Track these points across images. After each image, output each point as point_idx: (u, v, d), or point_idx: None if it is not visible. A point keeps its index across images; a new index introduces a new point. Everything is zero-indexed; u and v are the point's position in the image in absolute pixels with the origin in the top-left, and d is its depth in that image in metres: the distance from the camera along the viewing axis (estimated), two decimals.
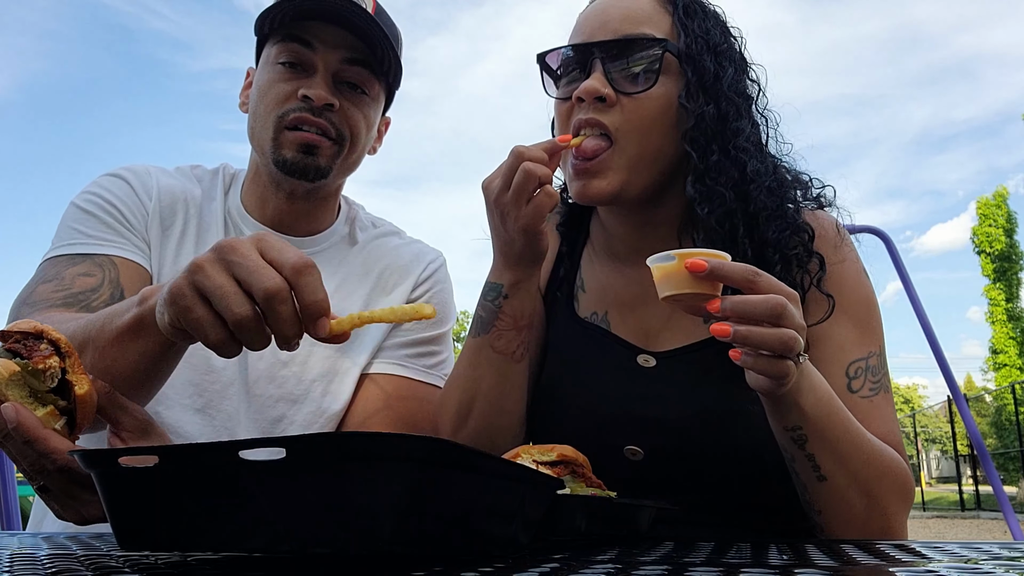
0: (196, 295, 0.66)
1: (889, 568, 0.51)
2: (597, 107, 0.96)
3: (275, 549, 0.45)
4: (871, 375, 0.99)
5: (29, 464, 0.70)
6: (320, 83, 1.08)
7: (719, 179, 0.98)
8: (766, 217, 1.00)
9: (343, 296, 1.20)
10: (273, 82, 1.10)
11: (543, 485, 0.59)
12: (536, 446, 0.78)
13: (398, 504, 0.43)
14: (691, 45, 0.99)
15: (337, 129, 1.10)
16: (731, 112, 1.00)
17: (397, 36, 1.17)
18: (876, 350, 1.01)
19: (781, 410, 0.86)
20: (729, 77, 1.01)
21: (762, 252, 1.00)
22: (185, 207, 1.17)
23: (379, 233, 1.30)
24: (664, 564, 0.52)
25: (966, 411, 3.49)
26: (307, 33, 1.08)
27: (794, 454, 0.89)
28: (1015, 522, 2.38)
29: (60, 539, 0.83)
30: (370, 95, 1.14)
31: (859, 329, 1.01)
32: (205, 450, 0.47)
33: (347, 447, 0.43)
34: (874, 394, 0.99)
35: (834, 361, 0.99)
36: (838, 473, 0.88)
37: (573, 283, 1.15)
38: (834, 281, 1.02)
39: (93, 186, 1.14)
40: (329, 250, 1.23)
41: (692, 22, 1.01)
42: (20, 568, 0.51)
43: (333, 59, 1.09)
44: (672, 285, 0.79)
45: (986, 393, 24.96)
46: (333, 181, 1.16)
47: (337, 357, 1.17)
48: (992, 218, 23.68)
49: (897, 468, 0.92)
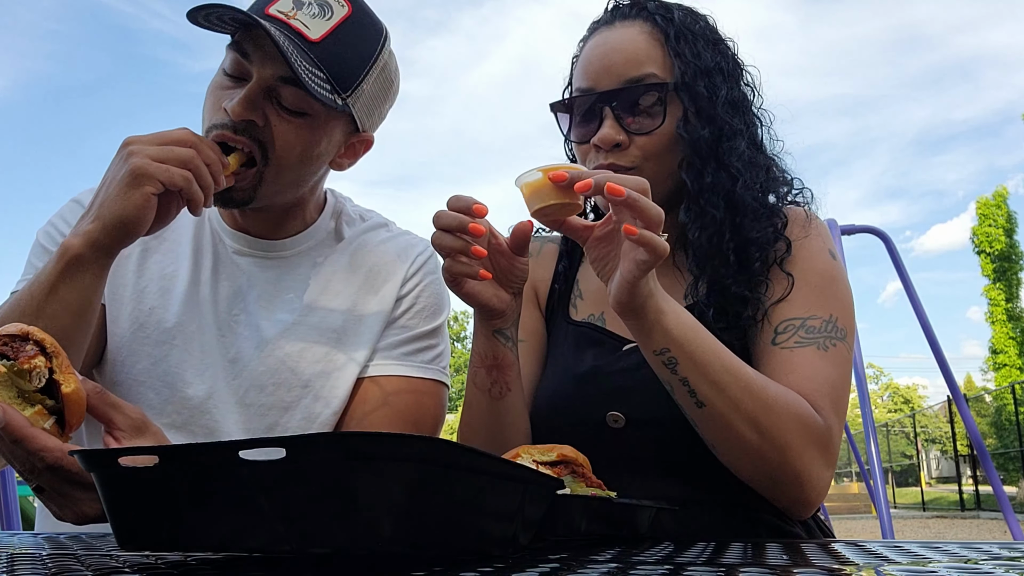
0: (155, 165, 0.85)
1: (888, 568, 0.51)
2: (616, 152, 1.05)
3: (275, 549, 0.45)
4: (804, 331, 1.00)
5: (21, 464, 0.71)
6: (243, 97, 1.00)
7: (711, 199, 1.04)
8: (751, 219, 1.04)
9: (330, 296, 1.18)
10: (214, 88, 1.06)
11: (543, 485, 0.59)
12: (536, 446, 0.78)
13: (398, 504, 0.43)
14: (685, 73, 1.05)
15: (261, 146, 1.02)
16: (726, 130, 1.06)
17: (364, 56, 1.06)
18: (823, 315, 1.01)
19: (646, 331, 0.89)
20: (723, 96, 1.06)
21: (745, 250, 1.04)
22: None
23: (367, 227, 1.27)
24: (664, 564, 0.52)
25: (966, 411, 3.49)
26: (249, 43, 1.02)
27: (670, 381, 0.91)
28: (1015, 522, 2.38)
29: (60, 539, 0.83)
30: (311, 114, 1.04)
31: (806, 295, 1.03)
32: (205, 450, 0.47)
33: (347, 447, 0.43)
34: (800, 346, 0.99)
35: (770, 313, 1.02)
36: (716, 399, 0.89)
37: (570, 293, 1.20)
38: (793, 254, 1.05)
39: (55, 216, 1.17)
40: (314, 248, 1.21)
41: (684, 48, 1.06)
42: (20, 568, 0.51)
43: (267, 74, 1.01)
44: (540, 198, 0.87)
45: (986, 393, 24.94)
46: (269, 202, 1.10)
47: (329, 359, 1.16)
48: (992, 218, 23.67)
49: (796, 406, 0.92)
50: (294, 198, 1.16)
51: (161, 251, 1.16)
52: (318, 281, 1.19)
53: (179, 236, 1.17)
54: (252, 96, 1.01)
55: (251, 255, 1.18)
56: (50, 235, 1.15)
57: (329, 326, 1.17)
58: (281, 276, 1.18)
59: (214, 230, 1.19)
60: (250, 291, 1.16)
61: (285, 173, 1.07)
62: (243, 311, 1.15)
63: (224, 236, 1.18)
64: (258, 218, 1.17)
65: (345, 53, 1.04)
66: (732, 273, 1.04)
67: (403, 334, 1.20)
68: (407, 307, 1.22)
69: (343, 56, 1.03)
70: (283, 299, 1.17)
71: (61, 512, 0.75)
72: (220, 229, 1.19)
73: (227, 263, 1.17)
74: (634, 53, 1.07)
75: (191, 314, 1.13)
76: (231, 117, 1.01)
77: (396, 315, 1.21)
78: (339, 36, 1.03)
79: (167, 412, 1.10)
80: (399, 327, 1.20)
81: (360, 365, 1.17)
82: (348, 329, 1.18)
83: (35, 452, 0.68)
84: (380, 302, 1.20)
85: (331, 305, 1.18)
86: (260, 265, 1.18)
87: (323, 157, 1.12)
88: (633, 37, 1.08)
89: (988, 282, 23.62)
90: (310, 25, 1.01)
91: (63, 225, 1.14)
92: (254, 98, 1.01)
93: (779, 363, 0.98)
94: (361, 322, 1.18)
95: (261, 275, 1.17)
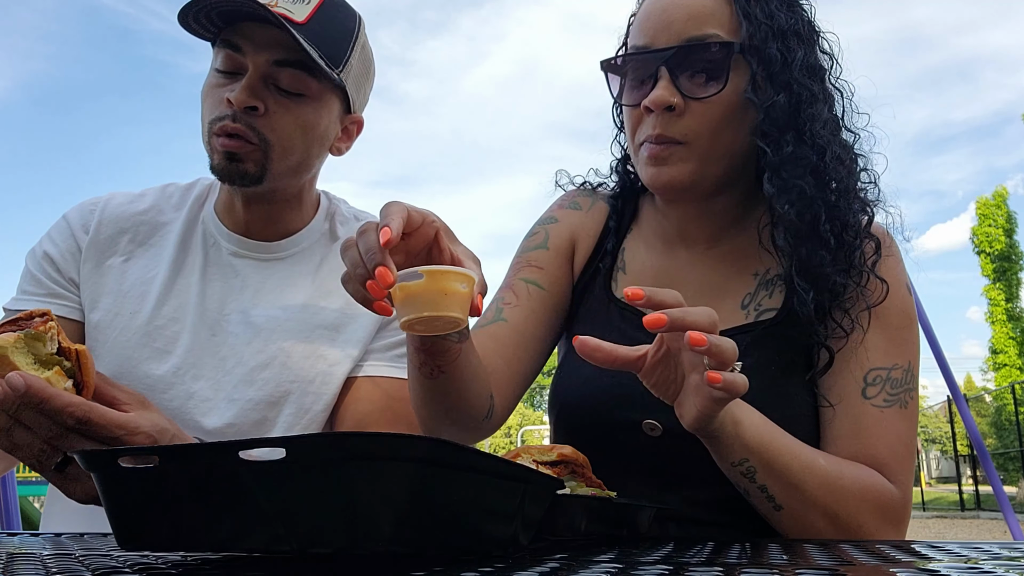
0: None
1: (889, 568, 0.51)
2: (666, 117, 0.96)
3: (275, 549, 0.45)
4: (890, 386, 0.96)
5: (46, 435, 0.70)
6: (243, 86, 1.04)
7: (795, 171, 0.95)
8: (846, 201, 0.97)
9: (324, 294, 1.19)
10: (210, 88, 1.09)
11: (543, 485, 0.59)
12: (536, 446, 0.78)
13: (398, 504, 0.43)
14: (755, 35, 0.95)
15: (259, 133, 1.06)
16: (804, 96, 0.96)
17: (346, 32, 1.11)
18: (904, 364, 0.97)
19: (724, 447, 0.85)
20: (799, 60, 0.96)
21: (842, 235, 0.97)
22: (135, 229, 1.19)
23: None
24: (664, 564, 0.52)
25: (966, 411, 3.49)
26: (238, 36, 1.06)
27: (747, 488, 0.88)
28: (1015, 522, 2.38)
29: (60, 539, 0.83)
30: (308, 95, 1.09)
31: (889, 338, 0.98)
32: (205, 450, 0.47)
33: (347, 447, 0.43)
34: (888, 406, 0.95)
35: (855, 362, 0.97)
36: (794, 500, 0.87)
37: (614, 262, 1.13)
38: (876, 284, 0.98)
39: (45, 237, 1.20)
40: (308, 249, 1.22)
41: (755, 8, 0.96)
42: (20, 568, 0.51)
43: (262, 60, 1.05)
44: (415, 307, 0.68)
45: (986, 393, 24.95)
46: (277, 184, 1.12)
47: (321, 354, 1.16)
48: (992, 218, 23.68)
49: (872, 490, 0.89)
50: (298, 185, 1.18)
51: (146, 257, 1.18)
52: (313, 280, 1.20)
53: (164, 241, 1.19)
54: (253, 83, 1.05)
55: (247, 256, 1.19)
56: (36, 259, 1.17)
57: (322, 323, 1.17)
58: (276, 276, 1.19)
59: (209, 233, 1.20)
60: (244, 291, 1.17)
61: (290, 155, 1.10)
62: (235, 310, 1.15)
63: (221, 239, 1.19)
64: (260, 212, 1.18)
65: (331, 31, 1.09)
66: (830, 259, 0.95)
67: (397, 335, 1.21)
68: None
69: (330, 34, 1.09)
70: (277, 297, 1.17)
71: (78, 489, 0.75)
72: (217, 232, 1.19)
73: (220, 264, 1.18)
74: (698, 10, 0.96)
75: (171, 314, 1.14)
76: (234, 106, 1.04)
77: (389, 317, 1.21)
78: (322, 16, 1.07)
79: (166, 413, 1.09)
80: (393, 329, 1.21)
81: (353, 361, 1.18)
82: (341, 326, 1.18)
83: (62, 410, 0.68)
84: None
85: (325, 303, 1.19)
86: (255, 267, 1.19)
87: (324, 138, 1.15)
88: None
89: (988, 282, 23.63)
90: (293, 10, 1.05)
91: (49, 245, 1.17)
92: (255, 85, 1.05)
93: (867, 423, 0.94)
94: (355, 320, 1.18)
95: (255, 276, 1.18)
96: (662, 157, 0.97)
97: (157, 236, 1.19)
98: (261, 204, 1.17)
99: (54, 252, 1.17)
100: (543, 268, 1.12)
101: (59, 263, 1.16)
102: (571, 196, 1.20)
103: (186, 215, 1.20)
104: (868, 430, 0.93)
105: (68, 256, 1.17)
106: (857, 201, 0.99)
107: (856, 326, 0.97)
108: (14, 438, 0.71)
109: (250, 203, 1.17)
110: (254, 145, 1.07)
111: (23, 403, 0.68)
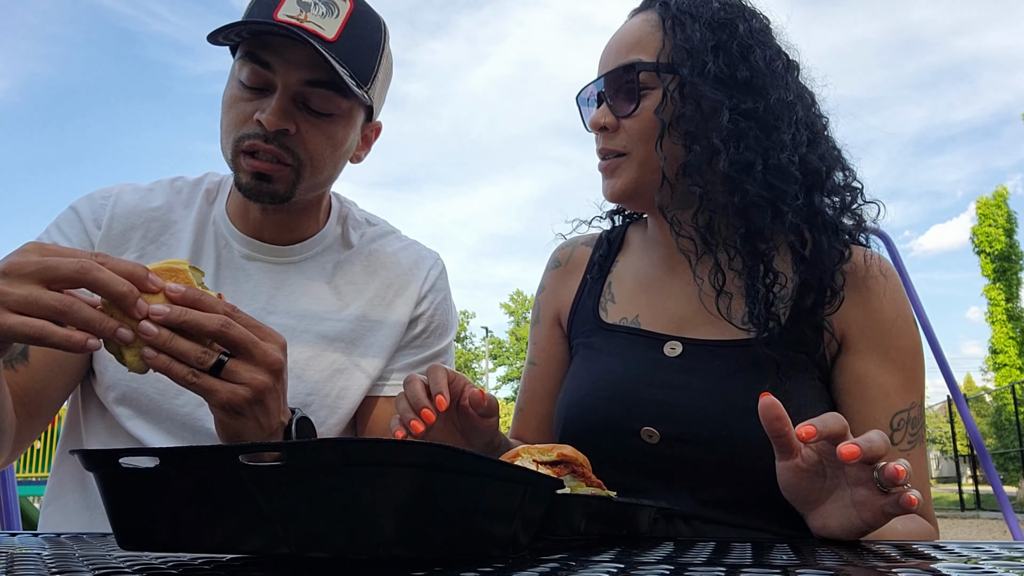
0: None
1: (890, 568, 0.51)
2: (606, 135, 1.09)
3: (274, 551, 0.45)
4: (911, 427, 1.00)
5: (212, 326, 0.74)
6: (275, 107, 1.01)
7: (696, 179, 1.03)
8: (757, 208, 1.01)
9: (340, 304, 1.17)
10: (234, 101, 1.05)
11: (543, 485, 0.59)
12: (536, 446, 0.78)
13: (399, 509, 0.43)
14: (672, 55, 1.06)
15: (293, 153, 1.04)
16: (704, 107, 1.03)
17: (374, 45, 1.09)
18: (918, 400, 1.01)
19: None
20: (712, 73, 1.03)
21: (752, 241, 1.02)
22: (146, 225, 1.15)
23: (376, 234, 1.27)
24: (664, 564, 0.52)
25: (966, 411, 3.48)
26: (267, 52, 1.02)
27: None
28: (1015, 522, 2.37)
29: (60, 539, 0.83)
30: (338, 114, 1.07)
31: (906, 377, 1.01)
32: (206, 453, 0.47)
33: (347, 452, 0.43)
34: (911, 447, 0.99)
35: (879, 408, 1.00)
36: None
37: (600, 297, 1.19)
38: (883, 322, 1.01)
39: (52, 225, 1.16)
40: (322, 254, 1.20)
41: (678, 31, 1.06)
42: (20, 568, 0.51)
43: (293, 80, 1.02)
44: None
45: (986, 393, 24.93)
46: (303, 197, 1.11)
47: (337, 367, 1.15)
48: (992, 218, 23.68)
49: (929, 537, 0.94)
50: (318, 194, 1.17)
51: (158, 256, 1.15)
52: (328, 288, 1.18)
53: (176, 240, 1.16)
54: (284, 105, 1.02)
55: (260, 260, 1.16)
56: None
57: (338, 334, 1.16)
58: (289, 282, 1.17)
59: (220, 234, 1.17)
60: (256, 296, 1.14)
61: (320, 172, 1.09)
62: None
63: (232, 241, 1.16)
64: (278, 219, 1.15)
65: (359, 47, 1.06)
66: (737, 266, 1.03)
67: (420, 354, 1.21)
68: (422, 328, 1.22)
69: (359, 50, 1.06)
70: (292, 305, 1.15)
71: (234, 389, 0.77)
72: (228, 234, 1.17)
73: (232, 268, 1.16)
74: (628, 40, 1.09)
75: None
76: (266, 128, 1.01)
77: (412, 335, 1.22)
78: (351, 31, 1.04)
79: (164, 413, 1.08)
80: (416, 347, 1.21)
81: (369, 375, 1.17)
82: (358, 339, 1.17)
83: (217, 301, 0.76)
84: (393, 315, 1.20)
85: (341, 314, 1.17)
86: (268, 271, 1.16)
87: (349, 151, 1.14)
88: (634, 26, 1.10)
89: (988, 282, 23.63)
90: (323, 25, 1.01)
91: (58, 235, 1.13)
92: (286, 106, 1.02)
93: None
94: (372, 332, 1.17)
95: (268, 280, 1.16)
96: (610, 169, 1.09)
97: (168, 234, 1.16)
98: (280, 213, 1.14)
99: (65, 244, 1.12)
100: (537, 344, 1.25)
101: None
102: (554, 254, 1.30)
103: (196, 214, 1.17)
104: None
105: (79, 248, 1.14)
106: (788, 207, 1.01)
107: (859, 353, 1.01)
108: (176, 345, 0.74)
109: (268, 212, 1.14)
110: (287, 166, 1.04)
111: (187, 303, 0.74)
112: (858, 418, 1.00)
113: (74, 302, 0.70)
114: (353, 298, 1.19)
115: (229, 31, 1.00)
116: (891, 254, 3.62)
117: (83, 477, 1.13)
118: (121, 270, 0.72)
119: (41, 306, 0.69)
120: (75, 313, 0.70)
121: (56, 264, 0.70)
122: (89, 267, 0.70)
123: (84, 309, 0.70)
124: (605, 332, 1.14)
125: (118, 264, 0.72)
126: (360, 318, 1.18)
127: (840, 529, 0.77)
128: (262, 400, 0.78)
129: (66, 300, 0.70)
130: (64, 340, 0.70)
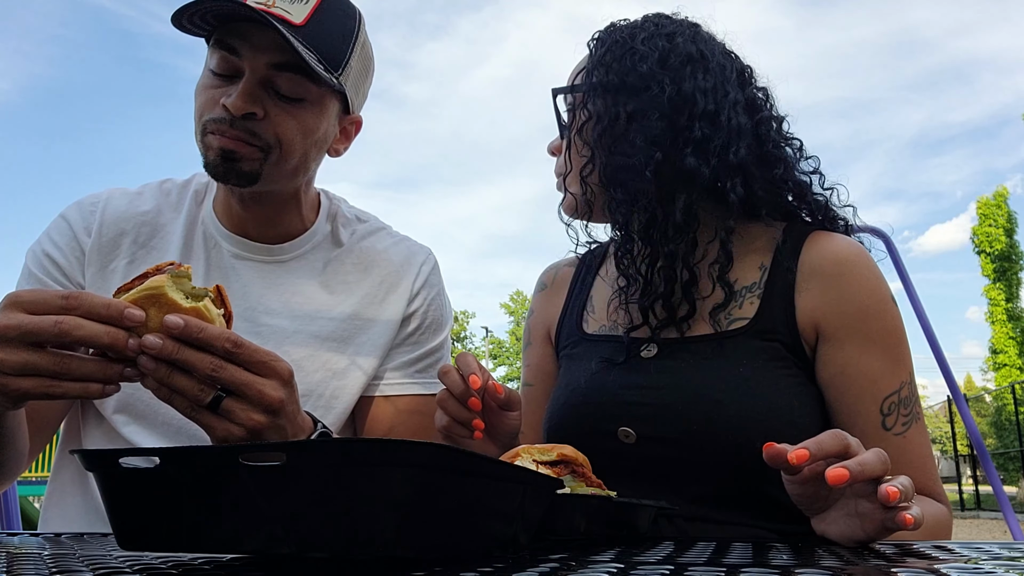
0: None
1: (889, 568, 0.51)
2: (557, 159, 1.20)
3: (274, 551, 0.45)
4: (903, 408, 0.99)
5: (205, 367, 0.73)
6: (241, 91, 1.00)
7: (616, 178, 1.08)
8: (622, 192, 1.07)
9: (332, 303, 1.17)
10: (203, 88, 1.05)
11: (543, 485, 0.59)
12: (536, 446, 0.78)
13: (399, 509, 0.43)
14: (578, 77, 1.14)
15: (260, 137, 1.03)
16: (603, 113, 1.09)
17: (347, 33, 1.08)
18: (907, 380, 1.00)
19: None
20: (601, 84, 1.10)
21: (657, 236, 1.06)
22: (136, 230, 1.15)
23: (366, 231, 1.26)
24: (664, 564, 0.52)
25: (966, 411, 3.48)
26: (234, 38, 1.01)
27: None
28: (1015, 522, 2.37)
29: (60, 539, 0.83)
30: (308, 99, 1.05)
31: (890, 358, 1.00)
32: (205, 453, 0.47)
33: (347, 452, 0.43)
34: (907, 429, 0.98)
35: (867, 396, 0.99)
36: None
37: (583, 310, 1.22)
38: (857, 307, 1.00)
39: (43, 235, 1.16)
40: (312, 252, 1.19)
41: (592, 59, 1.13)
42: (20, 568, 0.51)
43: (259, 64, 1.01)
44: None
45: (986, 393, 24.94)
46: (273, 186, 1.09)
47: (331, 367, 1.14)
48: (992, 218, 23.67)
49: (946, 523, 0.97)
50: (294, 187, 1.14)
51: (149, 259, 1.14)
52: (320, 287, 1.17)
53: (166, 243, 1.15)
54: (250, 88, 1.01)
55: (249, 259, 1.15)
56: (37, 259, 1.13)
57: (331, 333, 1.15)
58: (280, 281, 1.16)
59: (209, 234, 1.16)
60: (246, 295, 1.13)
61: (290, 158, 1.07)
62: (240, 317, 1.12)
63: (221, 240, 1.16)
64: (257, 213, 1.14)
65: (329, 32, 1.05)
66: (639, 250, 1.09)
67: (415, 351, 1.20)
68: (416, 325, 1.22)
69: (329, 35, 1.05)
70: (283, 305, 1.15)
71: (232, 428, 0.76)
72: (217, 233, 1.16)
73: (222, 268, 1.15)
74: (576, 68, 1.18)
75: None
76: (231, 112, 1.00)
77: (406, 332, 1.21)
78: (320, 17, 1.04)
79: (160, 419, 1.08)
80: (410, 344, 1.20)
81: (365, 372, 1.16)
82: (351, 338, 1.16)
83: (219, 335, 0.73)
84: (385, 313, 1.19)
85: (334, 313, 1.16)
86: (258, 270, 1.15)
87: (323, 141, 1.12)
88: (580, 62, 1.18)
89: (988, 282, 23.62)
90: (291, 10, 1.01)
91: (50, 246, 1.13)
92: (252, 90, 1.01)
93: (895, 455, 0.92)
94: (365, 330, 1.17)
95: (259, 280, 1.15)
96: (559, 189, 1.18)
97: (158, 238, 1.15)
98: (258, 205, 1.13)
99: (57, 255, 1.13)
100: (531, 365, 1.29)
101: (64, 267, 1.13)
102: (540, 278, 1.35)
103: (185, 215, 1.17)
104: (897, 461, 0.93)
105: (72, 260, 1.13)
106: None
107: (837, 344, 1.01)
108: (174, 382, 0.73)
109: (246, 204, 1.13)
110: (254, 147, 1.03)
111: (184, 339, 0.72)
112: (848, 410, 0.99)
113: (70, 361, 0.71)
114: (345, 296, 1.18)
115: (193, 13, 0.99)
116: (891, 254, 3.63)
117: (83, 480, 1.13)
118: (97, 315, 0.71)
119: (40, 370, 0.70)
120: (74, 372, 0.71)
121: (36, 329, 0.70)
122: (68, 328, 0.70)
123: (81, 365, 0.72)
124: (586, 342, 1.17)
125: (92, 307, 0.71)
126: (352, 316, 1.17)
127: (840, 536, 0.77)
128: (260, 438, 0.78)
129: (61, 362, 0.71)
130: (82, 391, 0.72)
